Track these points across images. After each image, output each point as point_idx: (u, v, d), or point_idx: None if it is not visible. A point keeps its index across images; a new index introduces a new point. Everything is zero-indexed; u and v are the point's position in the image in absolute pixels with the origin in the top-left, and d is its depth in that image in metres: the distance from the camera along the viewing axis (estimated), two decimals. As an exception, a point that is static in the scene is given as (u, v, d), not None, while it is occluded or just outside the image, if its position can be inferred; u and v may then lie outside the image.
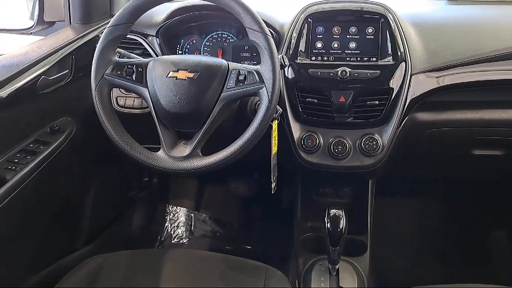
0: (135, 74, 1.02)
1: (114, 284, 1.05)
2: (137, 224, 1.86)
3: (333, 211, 1.12)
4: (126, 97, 1.29)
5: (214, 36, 1.38)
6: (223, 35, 1.38)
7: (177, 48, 1.39)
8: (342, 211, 1.13)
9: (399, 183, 1.74)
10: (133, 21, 1.03)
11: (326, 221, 1.12)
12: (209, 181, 2.06)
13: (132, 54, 1.20)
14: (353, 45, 1.22)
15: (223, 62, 1.02)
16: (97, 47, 1.03)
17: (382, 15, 1.21)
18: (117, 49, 1.07)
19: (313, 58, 1.23)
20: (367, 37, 1.22)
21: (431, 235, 1.86)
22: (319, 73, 1.20)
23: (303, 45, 1.23)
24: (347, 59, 1.22)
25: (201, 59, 1.02)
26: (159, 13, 1.34)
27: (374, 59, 1.21)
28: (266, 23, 1.00)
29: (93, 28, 1.32)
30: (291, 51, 1.23)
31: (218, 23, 1.37)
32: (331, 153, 1.22)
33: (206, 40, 1.39)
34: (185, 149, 1.01)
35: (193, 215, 2.01)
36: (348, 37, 1.23)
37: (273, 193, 1.12)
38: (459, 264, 1.77)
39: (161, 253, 1.26)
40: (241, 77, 0.99)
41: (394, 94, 1.18)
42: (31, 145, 1.15)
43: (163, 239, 1.95)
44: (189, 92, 0.98)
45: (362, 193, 1.44)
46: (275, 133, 1.09)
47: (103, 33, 1.03)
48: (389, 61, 1.20)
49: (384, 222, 1.68)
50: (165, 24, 1.33)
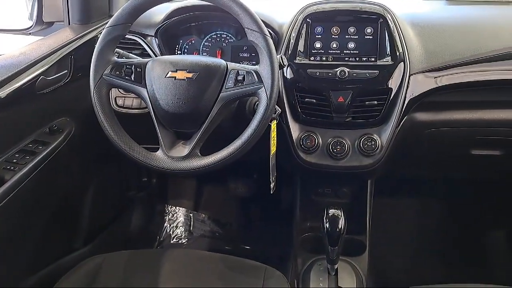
0: (134, 74, 1.02)
1: (113, 284, 1.05)
2: (136, 224, 1.86)
3: (332, 211, 1.13)
4: (125, 97, 1.29)
5: (213, 36, 1.38)
6: (222, 35, 1.38)
7: (176, 48, 1.39)
8: (341, 211, 1.13)
9: (398, 183, 1.74)
10: (132, 21, 1.03)
11: (325, 221, 1.12)
12: (208, 181, 2.06)
13: (131, 54, 1.20)
14: (351, 45, 1.22)
15: (222, 62, 1.02)
16: (96, 47, 1.02)
17: (380, 15, 1.21)
18: (116, 49, 1.07)
19: (312, 58, 1.23)
20: (365, 37, 1.22)
21: (430, 235, 1.86)
22: (318, 73, 1.20)
23: (301, 45, 1.23)
24: (346, 59, 1.22)
25: (199, 59, 1.02)
26: (158, 13, 1.34)
27: (372, 59, 1.21)
28: (264, 23, 0.99)
29: (92, 28, 1.32)
30: (290, 51, 1.23)
31: (217, 23, 1.37)
32: (330, 153, 1.22)
33: (205, 40, 1.39)
34: (183, 149, 1.01)
35: (192, 215, 2.01)
36: (347, 37, 1.23)
37: (272, 193, 1.12)
38: (458, 264, 1.76)
39: (160, 253, 1.26)
40: (239, 77, 0.99)
41: (392, 94, 1.18)
42: (30, 145, 1.15)
43: (162, 239, 1.95)
44: (187, 92, 0.98)
45: (361, 193, 1.45)
46: (274, 133, 1.09)
47: (101, 33, 1.03)
48: (388, 61, 1.20)
49: (383, 222, 1.68)
50: (164, 24, 1.33)
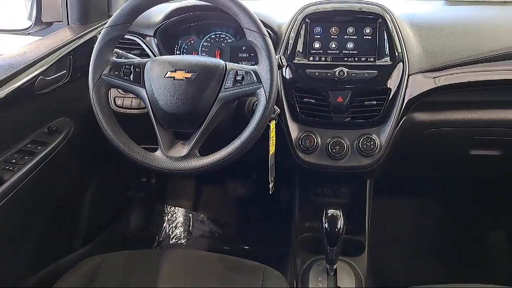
0: (132, 74, 1.02)
1: (111, 284, 1.05)
2: (135, 224, 1.86)
3: (331, 211, 1.13)
4: (124, 97, 1.29)
5: (212, 36, 1.38)
6: (221, 36, 1.38)
7: (175, 48, 1.39)
8: (340, 211, 1.13)
9: (397, 183, 1.74)
10: (130, 22, 1.03)
11: (324, 221, 1.12)
12: (207, 182, 2.06)
13: (129, 54, 1.20)
14: (350, 45, 1.22)
15: (221, 62, 1.02)
16: (95, 47, 1.02)
17: (379, 15, 1.21)
18: (115, 49, 1.07)
19: (311, 58, 1.23)
20: (364, 37, 1.22)
21: (430, 235, 1.86)
22: (317, 73, 1.20)
23: (300, 45, 1.23)
24: (345, 59, 1.22)
25: (198, 59, 1.02)
26: (157, 14, 1.34)
27: (371, 60, 1.21)
28: (263, 23, 1.00)
29: (91, 28, 1.32)
30: (288, 52, 1.23)
31: (216, 24, 1.37)
32: (329, 153, 1.22)
33: (204, 40, 1.39)
34: (182, 150, 1.01)
35: (191, 215, 2.01)
36: (345, 37, 1.23)
37: (270, 193, 1.12)
38: (457, 264, 1.76)
39: (159, 253, 1.26)
40: (238, 78, 0.99)
41: (391, 94, 1.18)
42: (29, 146, 1.15)
43: (161, 239, 1.95)
44: (186, 92, 0.98)
45: (360, 193, 1.44)
46: (272, 133, 1.09)
47: (100, 33, 1.03)
48: (387, 61, 1.20)
49: (382, 222, 1.68)
50: (163, 24, 1.33)
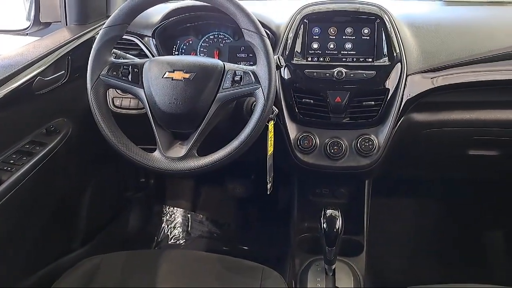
0: (131, 74, 1.02)
1: (110, 284, 1.05)
2: (133, 224, 1.85)
3: (329, 212, 1.13)
4: (122, 98, 1.29)
5: (210, 36, 1.38)
6: (220, 36, 1.38)
7: (173, 48, 1.39)
8: (338, 212, 1.13)
9: (395, 184, 1.74)
10: (129, 22, 1.03)
11: (322, 221, 1.12)
12: (206, 182, 2.06)
13: (128, 54, 1.20)
14: (349, 45, 1.22)
15: (219, 62, 1.02)
16: (93, 47, 1.03)
17: (377, 16, 1.21)
18: (113, 50, 1.07)
19: (309, 58, 1.23)
20: (363, 37, 1.22)
21: (428, 235, 1.86)
22: (315, 74, 1.20)
23: (299, 45, 1.23)
24: (343, 59, 1.22)
25: (197, 60, 1.03)
26: (155, 14, 1.34)
27: (370, 60, 1.21)
28: (262, 23, 1.00)
29: (90, 29, 1.32)
30: (287, 52, 1.23)
31: (214, 24, 1.37)
32: (327, 153, 1.22)
33: (202, 40, 1.39)
34: (181, 150, 1.01)
35: (189, 215, 2.01)
36: (344, 37, 1.23)
37: (269, 193, 1.12)
38: (456, 264, 1.77)
39: (157, 253, 1.25)
40: (237, 78, 0.99)
41: (390, 94, 1.19)
42: (27, 146, 1.15)
43: (159, 239, 1.95)
44: (185, 92, 0.98)
45: (358, 193, 1.44)
46: (271, 134, 1.09)
47: (99, 34, 1.03)
48: (385, 61, 1.20)
49: (380, 222, 1.68)
50: (161, 24, 1.33)
